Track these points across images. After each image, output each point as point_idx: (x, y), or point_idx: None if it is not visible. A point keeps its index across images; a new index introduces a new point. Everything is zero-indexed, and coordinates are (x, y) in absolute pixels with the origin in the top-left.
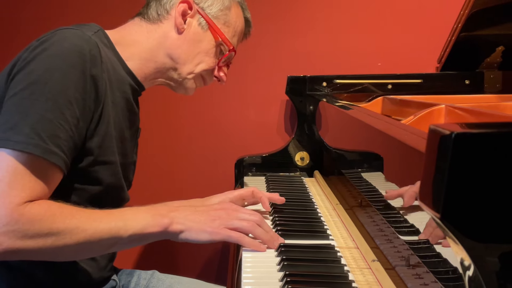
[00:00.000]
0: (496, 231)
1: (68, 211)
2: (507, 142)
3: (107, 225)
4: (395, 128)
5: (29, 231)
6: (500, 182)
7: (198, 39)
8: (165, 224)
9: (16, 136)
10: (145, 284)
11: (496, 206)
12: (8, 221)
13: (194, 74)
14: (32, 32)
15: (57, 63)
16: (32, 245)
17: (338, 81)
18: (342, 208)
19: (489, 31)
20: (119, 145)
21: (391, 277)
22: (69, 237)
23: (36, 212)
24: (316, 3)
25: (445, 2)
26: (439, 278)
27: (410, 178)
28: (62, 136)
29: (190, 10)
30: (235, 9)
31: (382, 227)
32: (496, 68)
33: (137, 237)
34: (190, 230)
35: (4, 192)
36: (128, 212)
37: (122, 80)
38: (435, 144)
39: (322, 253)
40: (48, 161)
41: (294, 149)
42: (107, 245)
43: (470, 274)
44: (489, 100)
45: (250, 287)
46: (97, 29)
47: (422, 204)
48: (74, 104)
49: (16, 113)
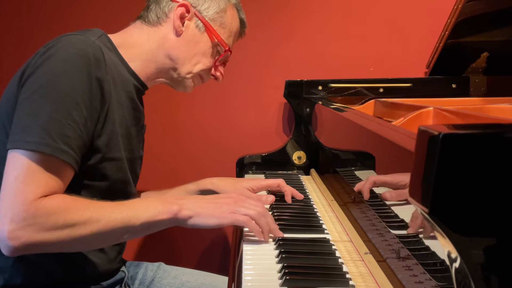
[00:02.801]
0: (481, 226)
1: (81, 203)
2: (491, 142)
3: (119, 215)
4: (386, 129)
5: (46, 224)
6: (485, 179)
7: (195, 41)
8: (175, 210)
9: (27, 137)
10: (152, 275)
11: (480, 202)
12: (25, 216)
13: (193, 74)
14: (44, 37)
15: (64, 68)
16: (49, 237)
17: (333, 85)
18: (336, 204)
19: (474, 38)
20: (125, 142)
21: (382, 269)
22: (84, 228)
23: (51, 206)
24: (313, 13)
25: (433, 11)
26: (428, 270)
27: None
28: (71, 135)
29: (188, 13)
30: (231, 11)
31: (374, 221)
32: (481, 73)
33: (148, 225)
34: (199, 215)
35: (20, 189)
36: (139, 202)
37: (126, 80)
38: (424, 144)
39: (318, 246)
40: (59, 159)
41: (292, 149)
42: (120, 233)
43: (457, 265)
44: (474, 103)
45: (250, 278)
46: (100, 33)
47: (411, 200)
48: (81, 105)
49: (27, 115)
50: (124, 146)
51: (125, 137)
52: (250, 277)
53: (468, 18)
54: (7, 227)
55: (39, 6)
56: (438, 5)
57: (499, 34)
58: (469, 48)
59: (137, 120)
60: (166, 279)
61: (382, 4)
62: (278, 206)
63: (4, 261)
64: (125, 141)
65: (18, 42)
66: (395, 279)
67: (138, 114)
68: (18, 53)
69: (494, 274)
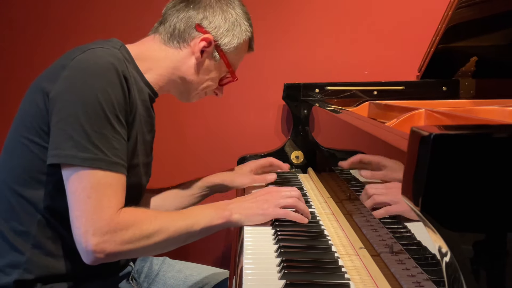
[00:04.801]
0: (470, 222)
1: (151, 214)
2: (480, 142)
3: (183, 223)
4: (380, 130)
5: (126, 236)
6: (474, 178)
7: (210, 69)
8: (227, 215)
9: (81, 153)
10: (157, 269)
11: (470, 200)
12: (107, 230)
13: (198, 93)
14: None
15: (99, 83)
16: (129, 247)
17: (329, 88)
18: (332, 201)
19: (464, 43)
20: (142, 147)
21: (376, 263)
22: (157, 237)
23: (128, 219)
24: (310, 20)
25: (425, 18)
26: (420, 264)
27: (393, 174)
28: (118, 147)
29: (209, 46)
30: (246, 41)
31: (368, 218)
32: (470, 76)
33: (206, 229)
34: (247, 216)
35: (97, 207)
36: (196, 210)
37: (142, 90)
38: (416, 144)
39: (315, 241)
40: (116, 172)
41: (290, 149)
42: (184, 238)
43: (447, 260)
44: (464, 105)
45: (250, 271)
46: (119, 45)
47: (404, 197)
48: (120, 117)
49: (74, 131)
50: (141, 152)
51: (142, 143)
52: (250, 270)
53: (458, 24)
54: (91, 241)
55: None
56: (429, 11)
57: (487, 39)
58: (459, 52)
59: (151, 127)
60: (170, 273)
61: (377, 11)
62: None
63: (17, 256)
64: (141, 147)
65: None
66: (388, 273)
67: (152, 120)
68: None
69: (483, 268)
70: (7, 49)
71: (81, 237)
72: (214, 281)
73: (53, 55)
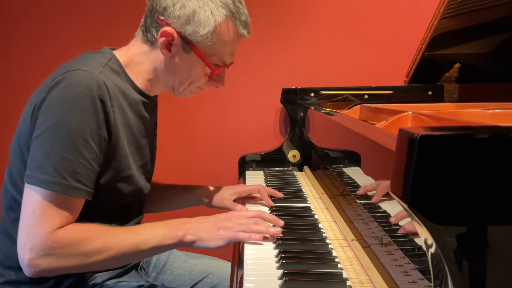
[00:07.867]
0: (454, 216)
1: (94, 232)
2: (463, 142)
3: (128, 242)
4: (371, 131)
5: (62, 254)
6: (457, 175)
7: (186, 65)
8: (180, 236)
9: (40, 175)
10: (164, 259)
11: (454, 195)
12: (43, 247)
13: (189, 89)
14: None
15: (72, 108)
16: (65, 264)
17: (324, 92)
18: (327, 197)
19: (448, 51)
20: (135, 156)
21: (367, 254)
22: (96, 256)
23: (66, 237)
24: (306, 30)
25: (412, 28)
26: (407, 254)
27: (383, 172)
28: (81, 171)
29: (173, 39)
30: (224, 25)
31: (359, 212)
32: (454, 82)
33: (156, 249)
34: (202, 240)
35: (37, 223)
36: (147, 228)
37: (134, 101)
38: (403, 144)
39: (310, 233)
40: (70, 195)
41: (287, 148)
42: (130, 257)
43: (432, 251)
44: (448, 108)
45: (251, 261)
46: (108, 58)
47: (393, 194)
48: (90, 141)
49: (40, 152)
50: (134, 160)
51: (135, 151)
52: (251, 260)
53: (442, 33)
54: (27, 256)
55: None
56: (416, 22)
57: (469, 47)
58: (443, 59)
59: (147, 131)
60: (177, 263)
61: (368, 22)
62: (274, 199)
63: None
64: (135, 155)
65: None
66: (378, 263)
67: (148, 125)
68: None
69: (465, 258)
70: (7, 50)
71: (20, 249)
72: (217, 270)
73: (53, 55)
